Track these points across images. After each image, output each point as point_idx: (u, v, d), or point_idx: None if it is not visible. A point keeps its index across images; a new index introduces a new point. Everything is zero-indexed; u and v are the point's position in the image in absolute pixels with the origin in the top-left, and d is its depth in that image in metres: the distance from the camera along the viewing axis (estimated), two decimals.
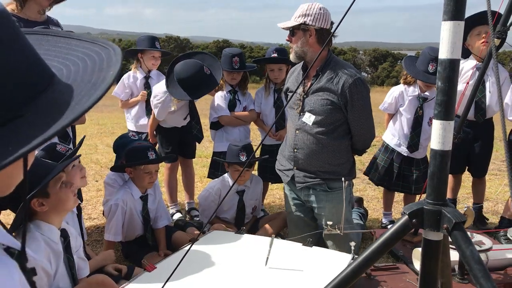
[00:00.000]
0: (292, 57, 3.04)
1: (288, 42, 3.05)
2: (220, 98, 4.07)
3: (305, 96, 3.02)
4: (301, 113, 3.04)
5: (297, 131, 3.05)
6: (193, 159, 4.36)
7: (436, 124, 1.34)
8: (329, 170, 3.05)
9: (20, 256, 0.74)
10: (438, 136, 1.34)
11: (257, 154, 4.28)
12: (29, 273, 0.76)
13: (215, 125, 4.12)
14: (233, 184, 2.47)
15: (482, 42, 3.64)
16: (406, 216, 1.39)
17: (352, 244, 2.68)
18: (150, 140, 4.05)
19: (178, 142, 4.09)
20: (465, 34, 3.80)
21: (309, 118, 3.00)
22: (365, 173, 4.09)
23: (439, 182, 1.36)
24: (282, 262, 2.67)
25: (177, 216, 4.09)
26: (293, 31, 2.98)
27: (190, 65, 3.61)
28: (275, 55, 4.01)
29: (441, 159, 1.34)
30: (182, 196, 4.60)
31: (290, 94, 3.17)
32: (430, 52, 3.62)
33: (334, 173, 3.05)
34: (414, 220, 1.38)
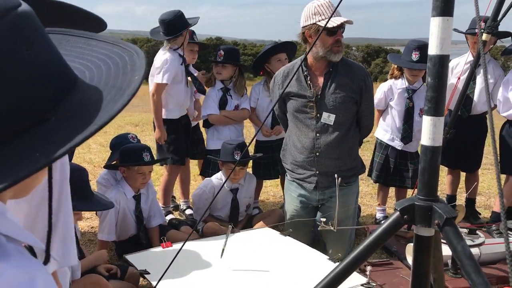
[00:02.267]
0: (340, 56, 2.91)
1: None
2: (210, 95, 4.06)
3: (319, 97, 2.94)
4: (318, 115, 2.95)
5: (317, 134, 2.95)
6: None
7: (427, 120, 1.34)
8: (349, 167, 3.04)
9: (46, 257, 0.72)
10: (428, 132, 1.34)
11: (251, 150, 4.27)
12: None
13: (206, 123, 4.11)
14: (225, 182, 2.46)
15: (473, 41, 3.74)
16: (398, 213, 1.39)
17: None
18: (159, 135, 3.84)
19: (188, 143, 4.08)
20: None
21: (329, 118, 2.92)
22: (369, 174, 4.08)
23: (430, 177, 1.36)
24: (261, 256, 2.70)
25: (169, 217, 4.07)
26: (344, 28, 2.89)
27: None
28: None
29: (432, 155, 1.34)
30: (176, 194, 4.59)
31: (297, 98, 2.99)
32: (413, 42, 3.77)
33: (351, 169, 3.06)
34: (405, 216, 1.38)
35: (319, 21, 2.82)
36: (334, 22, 2.78)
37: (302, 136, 3.00)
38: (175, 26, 3.76)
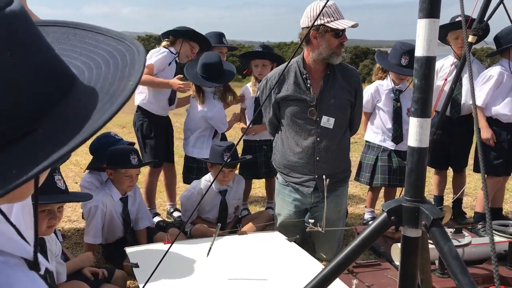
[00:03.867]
0: (340, 59, 2.92)
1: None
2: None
3: (318, 100, 2.91)
4: (317, 119, 2.93)
5: (318, 139, 2.94)
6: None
7: (413, 121, 1.34)
8: (343, 168, 3.04)
9: (34, 267, 0.71)
10: (415, 133, 1.34)
11: (239, 150, 4.27)
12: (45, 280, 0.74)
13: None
14: (212, 182, 2.45)
15: (458, 46, 3.79)
16: (385, 214, 1.39)
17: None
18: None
19: (166, 144, 4.01)
20: (445, 33, 3.89)
21: (328, 122, 2.91)
22: (356, 179, 4.07)
23: (417, 179, 1.37)
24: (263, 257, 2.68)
25: (157, 219, 4.03)
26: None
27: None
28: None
29: (419, 156, 1.35)
30: (163, 197, 4.56)
31: (296, 102, 2.95)
32: (402, 46, 3.79)
33: (345, 171, 3.07)
34: (392, 217, 1.39)
35: (328, 22, 2.81)
36: (344, 24, 2.79)
37: (301, 140, 2.97)
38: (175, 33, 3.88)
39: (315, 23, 2.82)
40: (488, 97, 3.69)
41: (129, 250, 2.87)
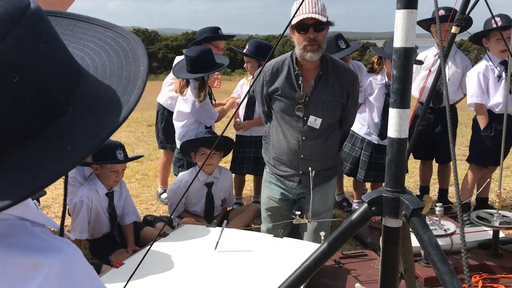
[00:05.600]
0: (317, 56, 2.75)
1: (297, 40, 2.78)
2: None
3: (307, 100, 2.86)
4: (305, 118, 2.88)
5: (303, 137, 2.89)
6: None
7: (392, 112, 1.35)
8: (330, 166, 3.03)
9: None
10: (394, 124, 1.35)
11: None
12: None
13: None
14: (200, 168, 2.43)
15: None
16: (366, 204, 1.40)
17: (322, 234, 2.67)
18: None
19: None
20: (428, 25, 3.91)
21: (315, 122, 2.86)
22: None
23: (397, 169, 1.38)
24: (251, 254, 2.67)
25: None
26: (322, 26, 2.75)
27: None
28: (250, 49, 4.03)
29: (398, 147, 1.36)
30: (150, 191, 4.56)
31: (284, 99, 2.90)
32: None
33: (332, 168, 3.06)
34: (373, 208, 1.39)
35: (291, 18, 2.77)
36: (299, 17, 2.67)
37: (288, 136, 2.94)
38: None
39: (292, 21, 2.79)
40: (481, 93, 3.73)
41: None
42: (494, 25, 3.49)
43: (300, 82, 2.85)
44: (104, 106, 0.66)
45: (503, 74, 3.66)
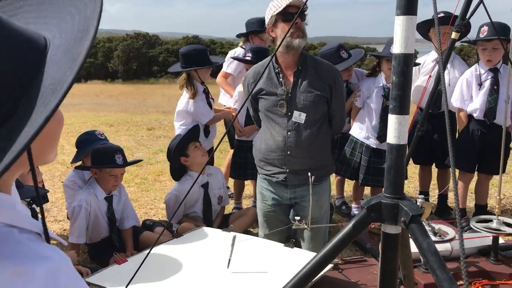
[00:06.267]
0: (303, 43, 2.83)
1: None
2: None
3: (289, 96, 2.90)
4: (289, 114, 2.91)
5: (288, 133, 2.92)
6: None
7: (392, 118, 1.35)
8: (319, 165, 3.03)
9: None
10: (393, 130, 1.35)
11: (228, 149, 4.29)
12: None
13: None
14: (203, 168, 2.43)
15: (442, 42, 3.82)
16: (365, 210, 1.40)
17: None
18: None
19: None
20: (427, 29, 3.91)
21: (299, 117, 2.88)
22: (336, 172, 4.09)
23: (396, 175, 1.38)
24: (262, 264, 2.66)
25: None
26: (305, 15, 2.82)
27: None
28: (249, 55, 4.05)
29: (397, 153, 1.36)
30: (153, 195, 4.54)
31: (268, 97, 2.95)
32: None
33: (322, 168, 3.05)
34: (372, 214, 1.39)
35: (275, 11, 2.83)
36: (281, 5, 2.78)
37: (274, 134, 2.98)
38: None
39: (268, 21, 2.86)
40: (462, 98, 3.78)
41: (91, 279, 2.48)
42: (481, 35, 3.55)
43: (281, 79, 2.91)
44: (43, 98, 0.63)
45: (486, 83, 3.69)
